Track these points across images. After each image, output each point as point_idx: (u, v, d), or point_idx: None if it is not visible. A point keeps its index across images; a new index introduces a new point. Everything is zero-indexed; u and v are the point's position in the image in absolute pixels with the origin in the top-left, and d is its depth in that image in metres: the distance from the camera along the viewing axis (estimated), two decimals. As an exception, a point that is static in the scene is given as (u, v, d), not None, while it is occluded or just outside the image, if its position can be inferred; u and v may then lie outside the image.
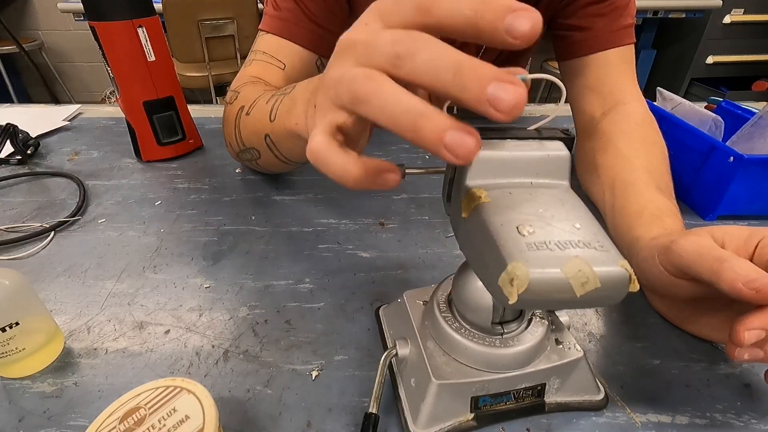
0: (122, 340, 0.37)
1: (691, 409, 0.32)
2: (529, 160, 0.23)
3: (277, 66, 0.55)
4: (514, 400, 0.30)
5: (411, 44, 0.18)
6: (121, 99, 0.63)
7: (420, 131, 0.18)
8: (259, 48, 0.57)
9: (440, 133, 0.17)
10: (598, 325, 0.39)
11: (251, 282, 0.43)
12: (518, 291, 0.19)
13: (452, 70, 0.17)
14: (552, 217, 0.21)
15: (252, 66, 0.55)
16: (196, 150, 0.70)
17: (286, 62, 0.56)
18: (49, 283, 0.43)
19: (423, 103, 0.18)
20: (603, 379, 0.34)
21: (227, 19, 1.88)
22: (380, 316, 0.38)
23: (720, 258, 0.28)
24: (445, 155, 0.18)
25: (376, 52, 0.19)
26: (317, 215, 0.53)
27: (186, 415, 0.25)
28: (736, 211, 0.52)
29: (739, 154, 0.48)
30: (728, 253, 0.28)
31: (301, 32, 0.56)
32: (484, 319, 0.28)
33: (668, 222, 0.39)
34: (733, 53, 2.43)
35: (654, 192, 0.43)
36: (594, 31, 0.58)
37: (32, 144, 0.67)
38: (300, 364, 0.35)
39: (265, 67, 0.55)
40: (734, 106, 0.62)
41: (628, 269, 0.20)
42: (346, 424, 0.30)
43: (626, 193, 0.44)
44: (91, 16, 0.57)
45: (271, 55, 0.56)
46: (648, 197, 0.43)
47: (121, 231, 0.50)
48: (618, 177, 0.47)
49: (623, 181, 0.46)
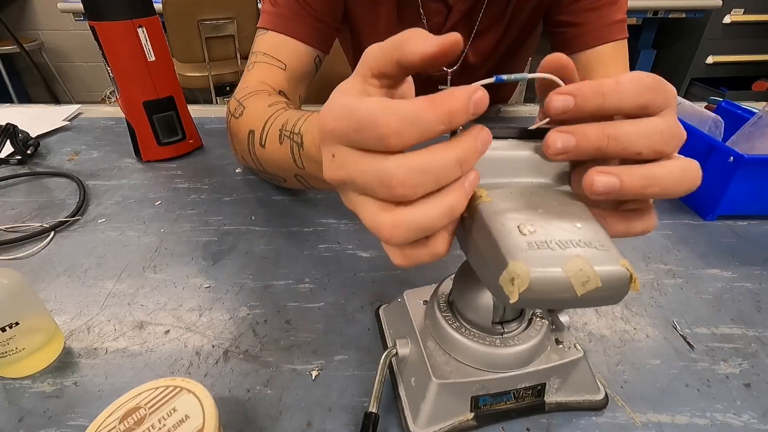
0: (122, 340, 0.37)
1: (691, 409, 0.32)
2: (529, 160, 0.23)
3: (278, 67, 0.56)
4: (514, 399, 0.30)
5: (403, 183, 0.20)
6: (121, 99, 0.63)
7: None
8: (259, 49, 0.57)
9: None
10: (598, 325, 0.39)
11: (251, 282, 0.43)
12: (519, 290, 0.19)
13: (455, 165, 0.20)
14: (553, 216, 0.21)
15: (254, 70, 0.56)
16: (196, 150, 0.70)
17: (287, 62, 0.56)
18: (49, 283, 0.43)
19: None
20: (603, 379, 0.34)
21: (227, 19, 1.88)
22: (380, 315, 0.38)
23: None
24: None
25: (369, 190, 0.20)
26: (317, 215, 0.53)
27: (186, 415, 0.25)
28: (736, 210, 0.52)
29: (739, 154, 0.48)
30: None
31: (300, 27, 0.57)
32: (484, 318, 0.28)
33: None
34: (733, 53, 2.43)
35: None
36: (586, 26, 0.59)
37: (32, 144, 0.67)
38: (300, 364, 0.35)
39: (267, 69, 0.55)
40: (734, 106, 0.62)
41: (629, 269, 0.20)
42: (346, 423, 0.30)
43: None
44: (91, 16, 0.57)
45: (271, 55, 0.56)
46: None
47: (121, 231, 0.50)
48: None
49: None
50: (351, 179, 0.21)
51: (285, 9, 0.57)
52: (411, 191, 0.19)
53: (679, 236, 0.50)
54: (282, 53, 0.57)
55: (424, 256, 0.22)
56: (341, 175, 0.21)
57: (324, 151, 0.22)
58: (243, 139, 0.47)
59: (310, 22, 0.57)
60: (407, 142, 0.19)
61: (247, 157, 0.49)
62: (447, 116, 0.19)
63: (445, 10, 0.65)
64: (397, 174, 0.19)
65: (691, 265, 0.46)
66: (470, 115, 0.19)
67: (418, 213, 0.20)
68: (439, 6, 0.64)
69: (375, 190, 0.20)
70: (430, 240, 0.22)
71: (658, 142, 0.21)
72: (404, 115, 0.19)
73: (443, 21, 0.66)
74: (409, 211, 0.20)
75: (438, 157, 0.19)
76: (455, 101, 0.19)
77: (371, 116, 0.19)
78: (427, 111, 0.19)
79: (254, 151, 0.46)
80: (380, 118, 0.19)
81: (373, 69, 0.22)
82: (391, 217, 0.20)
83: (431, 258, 0.22)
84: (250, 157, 0.48)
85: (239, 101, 0.50)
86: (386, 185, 0.19)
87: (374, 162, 0.20)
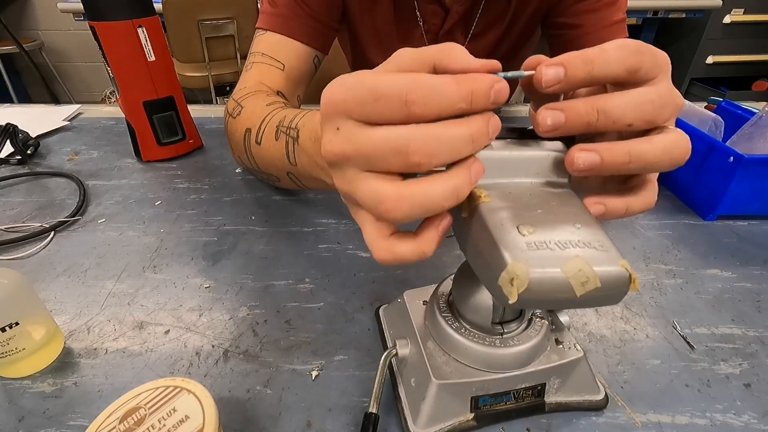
0: (122, 340, 0.37)
1: (691, 409, 0.32)
2: (529, 160, 0.23)
3: (276, 67, 0.56)
4: (514, 400, 0.30)
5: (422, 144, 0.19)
6: (121, 99, 0.63)
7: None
8: (258, 49, 0.57)
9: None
10: (598, 325, 0.39)
11: (251, 282, 0.43)
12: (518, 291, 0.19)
13: (468, 141, 0.20)
14: (552, 216, 0.21)
15: (252, 70, 0.56)
16: (196, 150, 0.70)
17: (285, 62, 0.56)
18: (49, 283, 0.43)
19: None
20: (603, 379, 0.34)
21: (227, 19, 1.88)
22: (380, 316, 0.38)
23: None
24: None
25: (379, 160, 0.20)
26: (317, 215, 0.53)
27: (186, 415, 0.25)
28: (736, 211, 0.52)
29: (739, 154, 0.48)
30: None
31: (299, 27, 0.57)
32: (484, 318, 0.28)
33: None
34: (733, 53, 2.43)
35: None
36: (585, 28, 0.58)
37: (32, 144, 0.67)
38: (300, 364, 0.35)
39: (265, 70, 0.55)
40: (734, 106, 0.62)
41: (629, 269, 0.20)
42: (346, 423, 0.30)
43: None
44: (91, 16, 0.57)
45: (270, 56, 0.56)
46: None
47: (121, 231, 0.50)
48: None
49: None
50: (357, 152, 0.20)
51: (284, 9, 0.57)
52: (426, 159, 0.19)
53: (679, 236, 0.50)
54: (281, 53, 0.57)
55: (409, 254, 0.22)
56: (345, 149, 0.21)
57: (327, 125, 0.22)
58: (240, 139, 0.47)
59: (309, 23, 0.57)
60: (429, 113, 0.19)
61: (243, 157, 0.49)
62: (469, 95, 0.19)
63: (442, 12, 0.65)
64: (414, 141, 0.19)
65: (691, 265, 0.46)
66: (489, 101, 0.20)
67: (424, 188, 0.20)
68: (436, 8, 0.64)
69: (387, 159, 0.20)
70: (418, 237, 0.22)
71: (649, 113, 0.21)
72: (431, 86, 0.19)
73: (440, 23, 0.66)
74: (415, 184, 0.20)
75: (453, 128, 0.20)
76: (479, 82, 0.19)
77: (396, 84, 0.19)
78: (453, 86, 0.19)
79: (250, 149, 0.46)
80: (407, 86, 0.19)
81: (402, 67, 0.22)
82: (396, 190, 0.20)
83: (416, 256, 0.22)
84: (246, 156, 0.48)
85: (237, 101, 0.51)
86: (402, 153, 0.19)
87: (388, 131, 0.20)
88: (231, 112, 0.51)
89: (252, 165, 0.48)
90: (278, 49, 0.57)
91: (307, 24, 0.57)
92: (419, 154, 0.19)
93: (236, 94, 0.53)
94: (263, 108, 0.45)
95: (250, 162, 0.48)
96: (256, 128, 0.44)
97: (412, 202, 0.20)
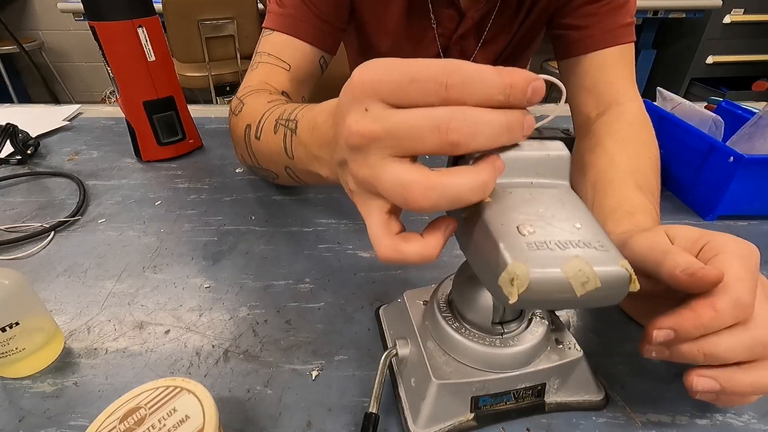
0: (122, 340, 0.37)
1: (691, 409, 0.32)
2: (529, 160, 0.23)
3: (282, 68, 0.56)
4: (514, 400, 0.30)
5: (460, 121, 0.19)
6: (121, 99, 0.63)
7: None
8: (264, 49, 0.57)
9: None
10: (598, 325, 0.39)
11: (251, 282, 0.43)
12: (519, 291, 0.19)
13: (506, 130, 0.20)
14: (552, 216, 0.21)
15: (258, 69, 0.56)
16: (196, 150, 0.70)
17: (291, 63, 0.56)
18: (49, 283, 0.43)
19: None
20: (603, 379, 0.34)
21: (227, 19, 1.88)
22: (380, 316, 0.38)
23: (665, 251, 0.28)
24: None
25: (412, 139, 0.20)
26: (317, 215, 0.53)
27: (186, 415, 0.25)
28: (736, 210, 0.52)
29: (739, 154, 0.48)
30: (674, 247, 0.28)
31: (306, 28, 0.56)
32: (484, 318, 0.28)
33: (639, 218, 0.39)
34: (733, 53, 2.43)
35: (632, 190, 0.43)
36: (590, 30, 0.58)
37: (32, 144, 0.67)
38: (300, 364, 0.35)
39: (270, 69, 0.55)
40: (734, 106, 0.62)
41: (629, 269, 0.20)
42: (346, 424, 0.30)
43: (605, 190, 0.44)
44: (91, 16, 0.57)
45: (275, 56, 0.56)
46: (625, 195, 0.42)
47: (121, 231, 0.50)
48: (600, 175, 0.46)
49: (604, 179, 0.45)
50: (387, 132, 0.20)
51: (291, 9, 0.57)
52: (466, 139, 0.19)
53: (679, 236, 0.50)
54: (287, 54, 0.56)
55: (414, 255, 0.22)
56: (374, 129, 0.21)
57: (354, 107, 0.22)
58: (241, 135, 0.48)
59: (316, 23, 0.57)
60: (467, 98, 0.19)
61: (244, 153, 0.49)
62: (508, 87, 0.19)
63: (457, 17, 0.64)
64: (455, 119, 0.19)
65: (691, 265, 0.46)
66: (526, 98, 0.20)
67: (452, 179, 0.20)
68: (452, 12, 0.64)
69: (423, 137, 0.20)
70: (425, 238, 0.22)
71: (760, 353, 0.24)
72: (471, 72, 0.19)
73: (455, 28, 0.65)
74: (444, 175, 0.20)
75: (494, 114, 0.20)
76: (519, 76, 0.19)
77: (435, 68, 0.19)
78: (494, 74, 0.19)
79: (250, 144, 0.46)
80: (446, 69, 0.19)
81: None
82: (426, 177, 0.20)
83: (420, 259, 0.22)
84: (246, 152, 0.48)
85: (240, 99, 0.51)
86: (442, 130, 0.19)
87: (426, 110, 0.20)
88: (233, 109, 0.51)
89: (252, 161, 0.48)
90: (284, 50, 0.56)
91: (314, 25, 0.57)
92: (460, 132, 0.19)
93: (240, 92, 0.53)
94: (264, 104, 0.45)
95: (251, 158, 0.48)
96: (256, 123, 0.44)
97: (442, 191, 0.20)
